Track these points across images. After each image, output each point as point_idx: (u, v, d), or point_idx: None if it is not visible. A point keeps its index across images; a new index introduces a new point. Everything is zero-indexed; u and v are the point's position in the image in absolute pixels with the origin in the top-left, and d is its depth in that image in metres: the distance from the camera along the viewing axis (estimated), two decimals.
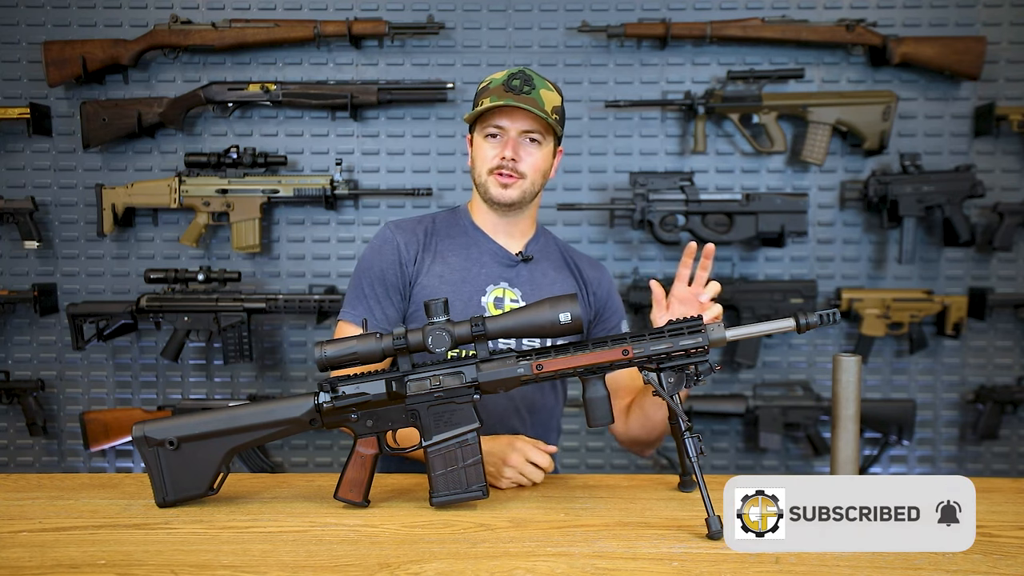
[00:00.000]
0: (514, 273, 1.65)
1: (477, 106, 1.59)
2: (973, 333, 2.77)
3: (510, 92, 1.55)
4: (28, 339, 2.80)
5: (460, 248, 1.65)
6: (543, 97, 1.57)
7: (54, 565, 1.08)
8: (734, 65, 2.70)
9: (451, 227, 1.68)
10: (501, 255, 1.65)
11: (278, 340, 2.78)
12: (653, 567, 1.07)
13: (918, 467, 2.81)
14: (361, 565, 1.08)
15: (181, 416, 1.32)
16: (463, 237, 1.67)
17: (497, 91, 1.57)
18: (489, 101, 1.55)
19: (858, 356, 1.35)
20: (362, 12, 2.71)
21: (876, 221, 2.73)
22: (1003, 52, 2.69)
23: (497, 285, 1.63)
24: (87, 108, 2.64)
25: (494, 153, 1.58)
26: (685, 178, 2.60)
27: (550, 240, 1.75)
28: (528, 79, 1.57)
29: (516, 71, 1.59)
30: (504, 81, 1.57)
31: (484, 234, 1.67)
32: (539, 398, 1.67)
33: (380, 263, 1.62)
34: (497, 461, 1.41)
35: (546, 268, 1.69)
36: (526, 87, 1.56)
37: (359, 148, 2.75)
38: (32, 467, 2.82)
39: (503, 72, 1.61)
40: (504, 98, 1.54)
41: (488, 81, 1.61)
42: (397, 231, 1.65)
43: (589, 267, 1.75)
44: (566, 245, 1.79)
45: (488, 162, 1.59)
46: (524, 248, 1.68)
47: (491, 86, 1.59)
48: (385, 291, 1.61)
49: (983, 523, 1.23)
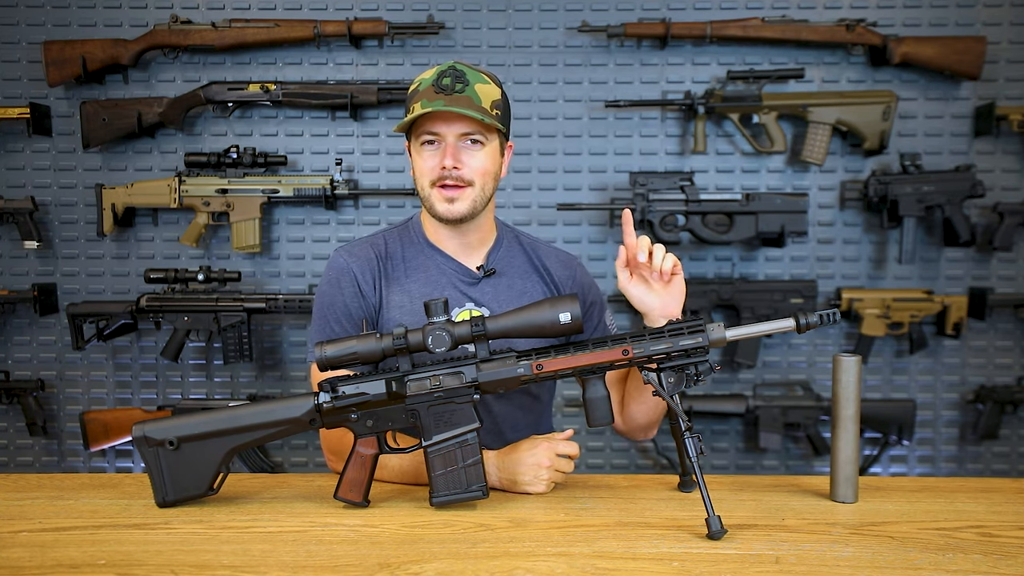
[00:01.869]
0: (478, 291, 1.55)
1: (408, 112, 1.46)
2: (973, 333, 2.77)
3: (441, 93, 1.42)
4: (28, 339, 2.80)
5: (417, 271, 1.54)
6: (479, 92, 1.44)
7: (54, 565, 1.08)
8: (734, 65, 2.70)
9: (405, 247, 1.57)
10: (461, 272, 1.55)
11: (278, 340, 2.78)
12: (653, 567, 1.07)
13: (918, 467, 2.81)
14: (361, 565, 1.07)
15: (181, 416, 1.32)
16: (418, 258, 1.56)
17: (427, 93, 1.43)
18: (420, 106, 1.42)
19: (858, 356, 1.34)
20: (362, 12, 2.71)
21: (876, 221, 2.73)
22: (1003, 52, 2.69)
23: (463, 308, 1.53)
24: (87, 108, 2.64)
25: (433, 163, 1.45)
26: (685, 178, 2.60)
27: (513, 244, 1.62)
28: (460, 75, 1.44)
29: (446, 67, 1.45)
30: (434, 81, 1.44)
31: (440, 251, 1.56)
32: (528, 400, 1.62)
33: (342, 297, 1.52)
34: (534, 465, 1.37)
35: (512, 279, 1.58)
36: (458, 84, 1.43)
37: (359, 148, 2.75)
38: (32, 467, 2.82)
39: (432, 70, 1.47)
40: (435, 100, 1.41)
41: (417, 83, 1.48)
42: (351, 258, 1.54)
43: (559, 266, 1.62)
44: (533, 242, 1.65)
45: (428, 173, 1.46)
46: (485, 260, 1.57)
47: (420, 88, 1.46)
48: (352, 324, 1.51)
49: (983, 523, 1.24)
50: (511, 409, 1.59)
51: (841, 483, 1.34)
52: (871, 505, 1.32)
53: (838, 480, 1.34)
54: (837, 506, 1.32)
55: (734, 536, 1.17)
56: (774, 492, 1.39)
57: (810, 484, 1.43)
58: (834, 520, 1.25)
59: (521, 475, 1.38)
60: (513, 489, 1.39)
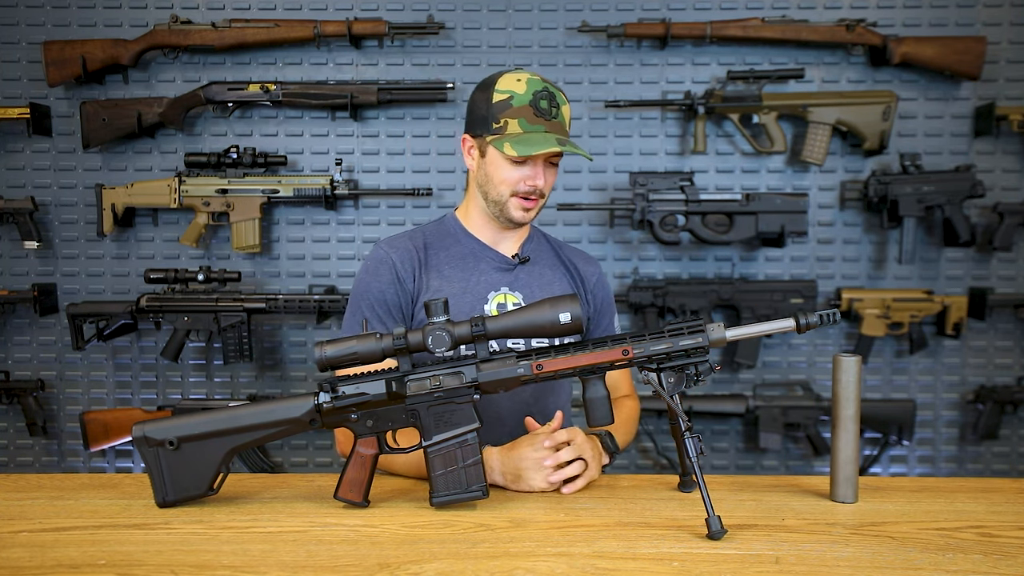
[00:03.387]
0: (513, 276, 1.63)
1: (496, 122, 1.52)
2: (973, 333, 2.77)
3: (540, 117, 1.51)
4: (28, 339, 2.80)
5: (456, 259, 1.62)
6: (564, 115, 1.55)
7: (54, 565, 1.08)
8: (734, 65, 2.70)
9: (443, 238, 1.65)
10: (498, 260, 1.64)
11: (278, 340, 2.78)
12: (653, 567, 1.07)
13: (918, 467, 2.81)
14: (361, 565, 1.08)
15: (181, 416, 1.32)
16: (457, 247, 1.64)
17: (525, 113, 1.50)
18: (519, 126, 1.50)
19: (858, 356, 1.34)
20: (362, 12, 2.71)
21: (876, 221, 2.73)
22: (1003, 52, 2.69)
23: (498, 291, 1.61)
24: (87, 108, 2.64)
25: (520, 177, 1.54)
26: (685, 178, 2.60)
27: (541, 239, 1.74)
28: (553, 98, 1.53)
29: (540, 87, 1.52)
30: (531, 102, 1.51)
31: (479, 241, 1.64)
32: (551, 402, 1.66)
33: (378, 284, 1.58)
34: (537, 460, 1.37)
35: (543, 268, 1.67)
36: (553, 108, 1.52)
37: (359, 148, 2.75)
38: (32, 467, 2.82)
39: (522, 83, 1.52)
40: (535, 123, 1.50)
41: (508, 95, 1.52)
42: (391, 249, 1.61)
43: (584, 263, 1.73)
44: (558, 242, 1.77)
45: (513, 185, 1.55)
46: (520, 250, 1.66)
47: (514, 103, 1.51)
48: (387, 311, 1.57)
49: (983, 523, 1.24)
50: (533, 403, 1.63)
51: (841, 483, 1.34)
52: (871, 505, 1.32)
53: (838, 480, 1.34)
54: (837, 506, 1.32)
55: (734, 536, 1.17)
56: (774, 492, 1.39)
57: (810, 484, 1.43)
58: (834, 520, 1.25)
59: (525, 470, 1.38)
60: (516, 485, 1.39)
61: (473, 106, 1.58)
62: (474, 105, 1.58)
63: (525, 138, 1.50)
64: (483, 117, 1.55)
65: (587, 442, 1.42)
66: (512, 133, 1.51)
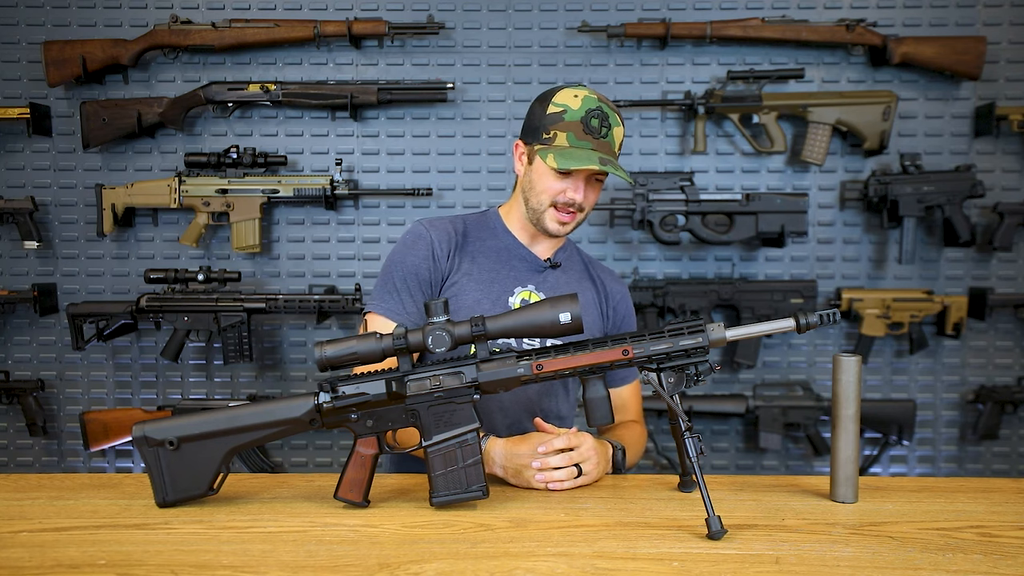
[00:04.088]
0: (541, 278, 1.66)
1: (546, 132, 1.54)
2: (973, 333, 2.77)
3: (589, 135, 1.52)
4: (28, 339, 2.80)
5: (491, 251, 1.66)
6: (614, 136, 1.55)
7: (54, 565, 1.08)
8: (734, 65, 2.70)
9: (482, 229, 1.68)
10: (531, 260, 1.66)
11: (278, 340, 2.78)
12: (653, 567, 1.07)
13: (918, 467, 2.81)
14: (361, 565, 1.07)
15: (181, 416, 1.32)
16: (494, 240, 1.67)
17: (575, 128, 1.52)
18: (566, 140, 1.52)
19: (858, 356, 1.34)
20: (362, 12, 2.71)
21: (876, 221, 2.73)
22: (1003, 52, 2.69)
23: (525, 287, 1.64)
24: (87, 108, 2.63)
25: (561, 188, 1.55)
26: (685, 178, 2.60)
27: (575, 251, 1.77)
28: (606, 118, 1.53)
29: (594, 106, 1.53)
30: (582, 118, 1.52)
31: (516, 239, 1.67)
32: (554, 406, 1.66)
33: (413, 258, 1.60)
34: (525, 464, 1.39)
35: (570, 277, 1.70)
36: (604, 128, 1.53)
37: (359, 148, 2.75)
38: (32, 467, 2.82)
39: (578, 99, 1.54)
40: (582, 140, 1.52)
41: (563, 108, 1.54)
42: (431, 228, 1.64)
43: (611, 279, 1.76)
44: (590, 258, 1.79)
45: (554, 195, 1.56)
46: (553, 255, 1.68)
47: (567, 117, 1.53)
48: (418, 285, 1.60)
49: (983, 523, 1.24)
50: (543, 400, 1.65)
51: (841, 483, 1.34)
52: (871, 505, 1.32)
53: (838, 480, 1.34)
54: (837, 506, 1.32)
55: (734, 536, 1.17)
56: (774, 492, 1.39)
57: (810, 484, 1.43)
58: (834, 520, 1.25)
59: (526, 469, 1.39)
60: (516, 480, 1.40)
61: (530, 114, 1.60)
62: (531, 113, 1.60)
63: (570, 152, 1.51)
64: (536, 127, 1.57)
65: (593, 448, 1.42)
66: (559, 146, 1.53)
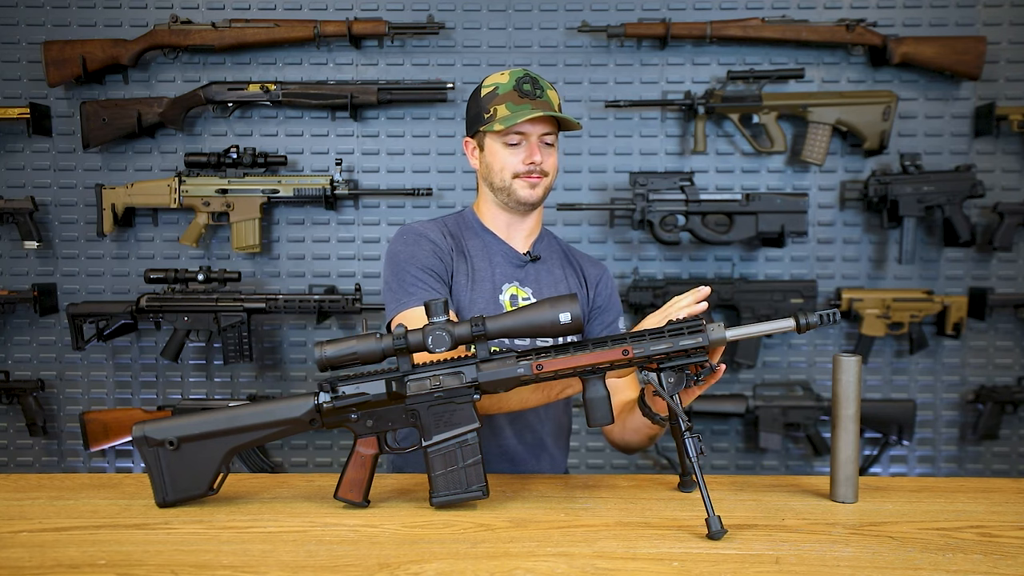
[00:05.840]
0: (523, 273, 1.68)
1: (486, 112, 1.61)
2: (973, 333, 2.77)
3: (526, 98, 1.59)
4: (28, 339, 2.80)
5: (476, 249, 1.68)
6: (550, 97, 1.62)
7: (54, 565, 1.08)
8: (734, 65, 2.70)
9: (464, 228, 1.71)
10: (511, 255, 1.68)
11: (278, 340, 2.78)
12: (653, 567, 1.07)
13: (918, 467, 2.81)
14: (361, 565, 1.08)
15: (181, 416, 1.32)
16: (476, 239, 1.70)
17: (511, 97, 1.59)
18: (506, 108, 1.58)
19: (858, 356, 1.34)
20: (362, 12, 2.71)
21: (876, 221, 2.73)
22: (1003, 52, 2.69)
23: (511, 284, 1.66)
24: (87, 108, 2.63)
25: (518, 159, 1.61)
26: (685, 178, 2.60)
27: (552, 240, 1.79)
28: (535, 81, 1.61)
29: (521, 74, 1.61)
30: (515, 87, 1.60)
31: (494, 235, 1.70)
32: (554, 407, 1.68)
33: (421, 252, 1.61)
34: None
35: (551, 267, 1.72)
36: (537, 90, 1.60)
37: (359, 148, 2.75)
38: (32, 467, 2.82)
39: (504, 75, 1.62)
40: (521, 104, 1.58)
41: (493, 86, 1.62)
42: (425, 229, 1.65)
43: (590, 265, 1.79)
44: (567, 245, 1.82)
45: (513, 167, 1.61)
46: (531, 248, 1.71)
47: (499, 91, 1.60)
48: (436, 276, 1.59)
49: (983, 523, 1.24)
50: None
51: (841, 483, 1.34)
52: (871, 505, 1.32)
53: (838, 480, 1.34)
54: (837, 506, 1.32)
55: (734, 536, 1.17)
56: (774, 492, 1.39)
57: (810, 484, 1.43)
58: (834, 520, 1.25)
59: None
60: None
61: (468, 108, 1.69)
62: (469, 107, 1.69)
63: (512, 116, 1.57)
64: (476, 113, 1.65)
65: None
66: (501, 116, 1.59)
